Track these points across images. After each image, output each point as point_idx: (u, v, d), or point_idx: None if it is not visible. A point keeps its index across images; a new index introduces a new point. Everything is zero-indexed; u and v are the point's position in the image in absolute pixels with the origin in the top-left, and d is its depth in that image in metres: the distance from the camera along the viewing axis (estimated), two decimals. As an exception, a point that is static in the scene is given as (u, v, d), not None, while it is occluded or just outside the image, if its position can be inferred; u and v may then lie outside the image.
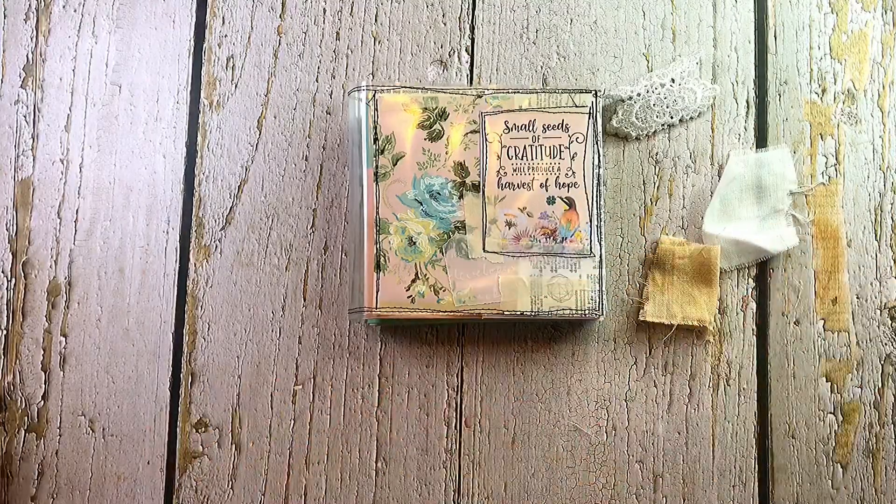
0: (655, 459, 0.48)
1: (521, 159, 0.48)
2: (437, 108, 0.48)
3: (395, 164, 0.48)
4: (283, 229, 0.51)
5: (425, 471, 0.48)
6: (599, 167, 0.47)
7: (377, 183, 0.47)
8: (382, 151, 0.48)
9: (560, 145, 0.47)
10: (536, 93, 0.48)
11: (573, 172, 0.47)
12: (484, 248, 0.47)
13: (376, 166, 0.48)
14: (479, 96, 0.48)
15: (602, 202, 0.47)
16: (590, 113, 0.47)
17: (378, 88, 0.48)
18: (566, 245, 0.47)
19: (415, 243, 0.47)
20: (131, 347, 0.50)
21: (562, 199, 0.47)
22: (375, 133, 0.47)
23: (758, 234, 0.48)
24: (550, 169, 0.47)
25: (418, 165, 0.48)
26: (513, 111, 0.48)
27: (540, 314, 0.46)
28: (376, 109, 0.48)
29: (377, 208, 0.47)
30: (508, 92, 0.48)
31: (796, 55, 0.50)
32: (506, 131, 0.48)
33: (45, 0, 0.53)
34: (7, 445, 0.50)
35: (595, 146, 0.47)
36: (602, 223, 0.47)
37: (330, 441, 0.49)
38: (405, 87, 0.48)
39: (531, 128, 0.48)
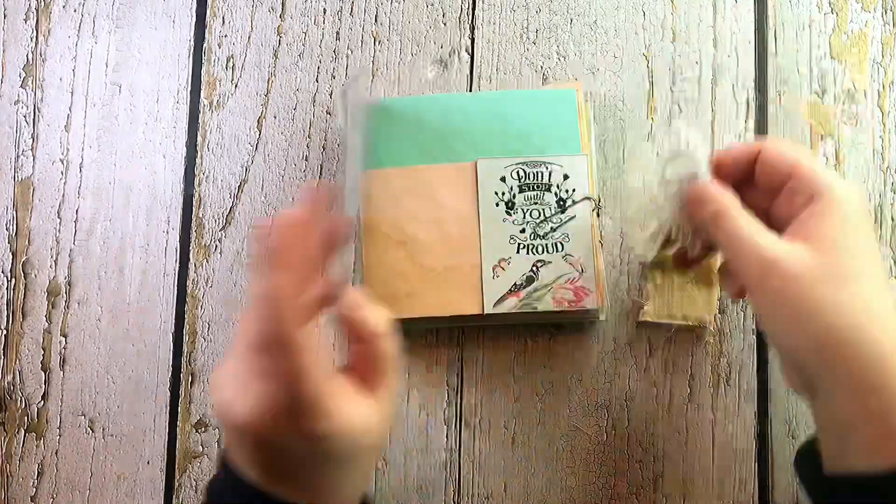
0: (655, 459, 0.48)
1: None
2: None
3: None
4: (283, 229, 0.50)
5: (425, 471, 0.48)
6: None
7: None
8: None
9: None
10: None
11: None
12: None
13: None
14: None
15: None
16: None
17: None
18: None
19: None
20: (131, 347, 0.50)
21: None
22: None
23: (758, 234, 0.48)
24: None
25: None
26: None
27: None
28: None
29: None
30: None
31: (796, 55, 0.50)
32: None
33: (45, 0, 0.53)
34: (7, 445, 0.50)
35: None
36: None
37: (330, 441, 0.49)
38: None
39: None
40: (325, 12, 0.52)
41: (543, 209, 0.46)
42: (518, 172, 0.47)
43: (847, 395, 0.33)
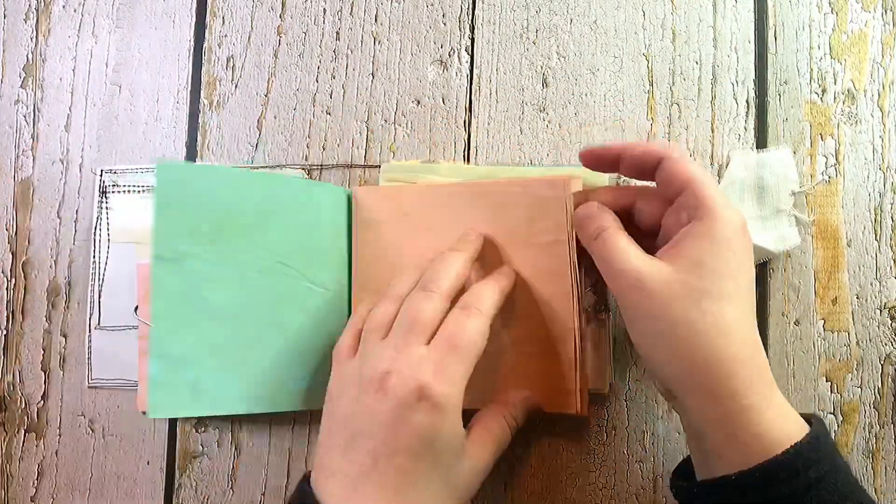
0: (655, 459, 0.48)
1: None
2: None
3: None
4: (283, 229, 0.50)
5: (425, 471, 0.48)
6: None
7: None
8: None
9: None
10: None
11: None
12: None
13: None
14: None
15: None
16: None
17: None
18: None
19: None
20: (131, 347, 0.50)
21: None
22: None
23: (760, 235, 0.48)
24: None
25: None
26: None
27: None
28: None
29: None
30: None
31: (796, 55, 0.50)
32: None
33: (45, 0, 0.53)
34: (7, 445, 0.50)
35: None
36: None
37: (330, 441, 0.49)
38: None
39: None
40: (325, 12, 0.52)
41: None
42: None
43: (696, 403, 0.35)
